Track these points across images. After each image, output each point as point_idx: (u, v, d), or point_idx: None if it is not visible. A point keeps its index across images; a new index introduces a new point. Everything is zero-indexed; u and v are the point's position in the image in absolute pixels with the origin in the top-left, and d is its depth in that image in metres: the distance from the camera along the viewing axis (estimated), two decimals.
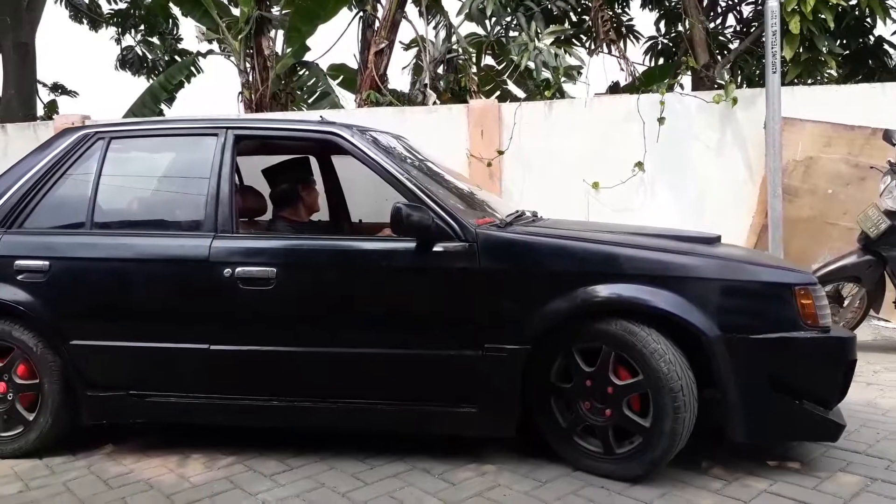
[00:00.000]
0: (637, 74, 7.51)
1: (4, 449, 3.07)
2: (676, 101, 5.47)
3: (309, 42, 8.20)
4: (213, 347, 2.92)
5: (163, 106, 9.43)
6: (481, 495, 2.57)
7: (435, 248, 2.76)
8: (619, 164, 5.44)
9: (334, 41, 8.64)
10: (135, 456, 3.05)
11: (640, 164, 5.41)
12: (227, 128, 3.15)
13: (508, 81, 8.35)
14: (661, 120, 5.35)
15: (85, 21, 12.54)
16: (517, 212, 3.35)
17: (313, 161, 4.06)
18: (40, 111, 11.20)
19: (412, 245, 2.79)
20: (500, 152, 5.56)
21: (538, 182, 5.57)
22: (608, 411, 2.65)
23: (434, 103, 7.10)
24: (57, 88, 13.05)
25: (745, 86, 7.78)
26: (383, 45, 7.59)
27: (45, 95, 12.64)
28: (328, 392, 2.92)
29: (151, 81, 10.12)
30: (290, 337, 2.91)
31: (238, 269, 2.87)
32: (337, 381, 2.92)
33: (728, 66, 7.72)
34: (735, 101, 5.33)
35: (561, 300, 2.65)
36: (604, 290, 2.64)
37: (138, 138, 3.37)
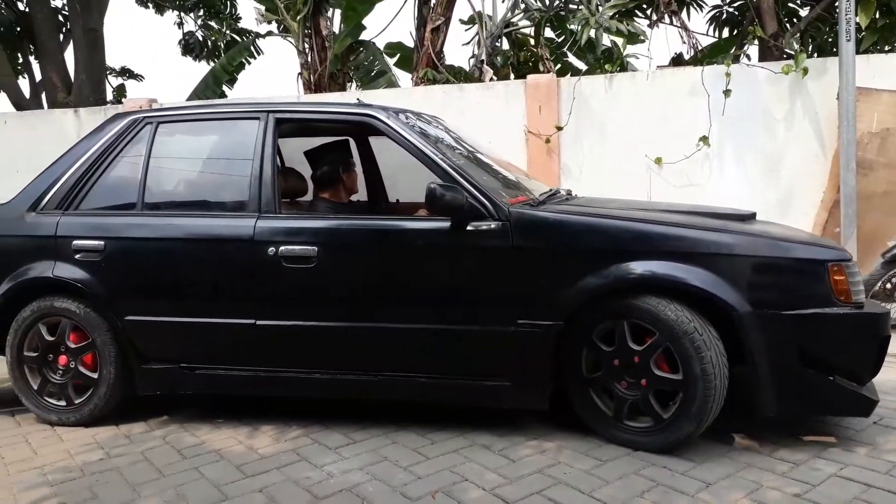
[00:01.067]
0: (699, 47, 7.25)
1: (84, 412, 3.26)
2: (743, 73, 5.27)
3: (366, 21, 8.23)
4: (258, 323, 3.05)
5: (224, 87, 9.63)
6: (542, 472, 2.59)
7: (468, 227, 2.84)
8: (683, 139, 5.29)
9: (391, 19, 8.64)
10: (207, 427, 3.18)
11: (704, 139, 5.25)
12: (269, 111, 3.25)
13: (569, 54, 8.20)
14: (726, 92, 5.18)
15: (150, 5, 12.86)
16: (550, 190, 3.41)
17: (352, 143, 4.11)
18: (109, 95, 11.59)
19: (447, 224, 2.87)
20: (559, 128, 5.48)
21: (598, 158, 5.48)
22: (643, 381, 2.71)
23: (491, 79, 7.04)
24: (125, 73, 13.44)
25: (816, 55, 7.44)
26: (440, 22, 7.54)
27: (113, 80, 13.08)
28: (368, 365, 3.05)
29: (213, 64, 10.33)
30: (331, 312, 3.02)
31: (281, 248, 2.99)
32: (376, 354, 3.03)
33: (798, 34, 7.38)
34: (805, 71, 5.10)
35: (592, 277, 2.72)
36: (636, 268, 2.69)
37: (184, 122, 3.51)
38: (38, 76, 11.18)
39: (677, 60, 7.46)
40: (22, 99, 10.39)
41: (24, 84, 11.21)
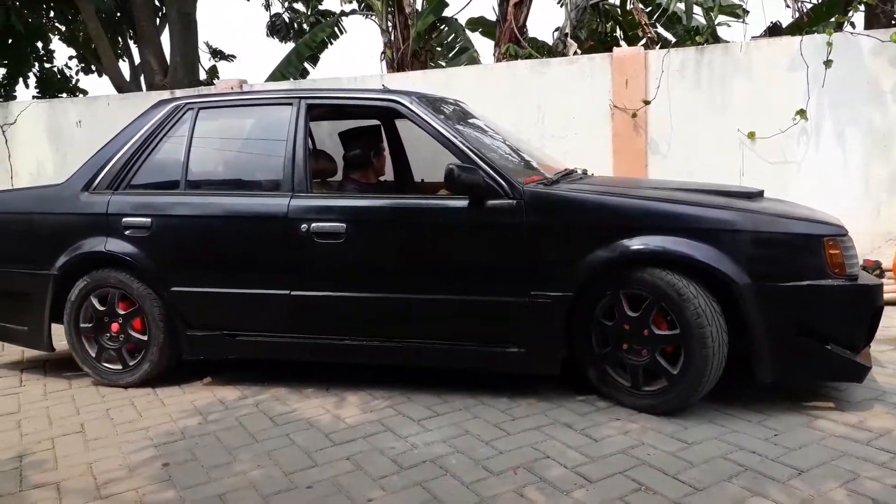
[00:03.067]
0: (806, 10, 6.83)
1: (136, 375, 3.53)
2: (846, 42, 4.96)
3: None
4: (293, 293, 3.29)
5: (306, 65, 9.81)
6: (625, 453, 2.56)
7: (485, 205, 3.03)
8: (779, 113, 5.04)
9: None
10: (297, 396, 3.31)
11: (801, 112, 4.99)
12: (301, 97, 3.48)
13: (657, 25, 7.94)
14: (827, 63, 4.89)
15: None
16: (565, 170, 3.62)
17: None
18: (203, 76, 12.04)
19: (465, 202, 3.05)
20: (647, 102, 5.33)
21: (687, 133, 5.30)
22: (646, 348, 2.90)
23: (575, 53, 6.90)
24: (217, 54, 13.93)
25: None
26: None
27: (206, 61, 13.58)
28: (392, 332, 3.26)
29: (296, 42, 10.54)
30: (358, 284, 3.24)
31: (313, 225, 3.21)
32: (400, 322, 3.24)
33: None
34: None
35: (600, 251, 2.88)
36: (642, 242, 2.85)
37: (223, 108, 3.74)
38: (136, 60, 11.72)
39: (773, 29, 7.10)
40: (123, 82, 10.94)
41: (124, 67, 11.80)
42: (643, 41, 6.32)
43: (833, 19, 6.90)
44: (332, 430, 2.89)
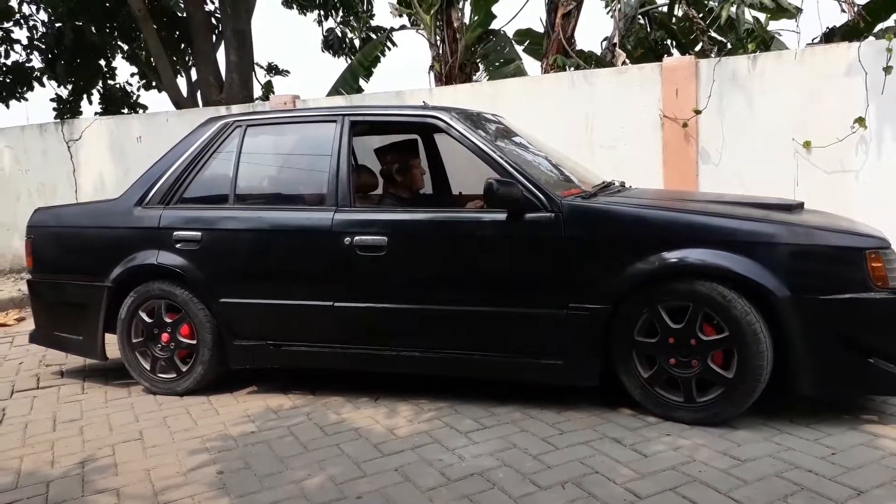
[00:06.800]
0: (861, 12, 6.60)
1: (185, 383, 3.66)
2: None
3: (495, 9, 8.25)
4: (336, 304, 3.36)
5: (361, 81, 9.96)
6: (675, 469, 2.53)
7: (524, 218, 3.06)
8: (836, 122, 4.91)
9: (521, 6, 8.58)
10: (349, 407, 3.36)
11: (860, 120, 4.85)
12: (344, 115, 3.56)
13: (710, 31, 7.81)
14: (887, 69, 4.74)
15: (295, 6, 13.52)
16: (604, 182, 3.65)
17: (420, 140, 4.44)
18: (258, 92, 12.32)
19: (503, 216, 3.09)
20: (697, 112, 5.26)
21: (740, 143, 5.20)
22: (693, 361, 2.90)
23: (623, 63, 6.85)
24: (271, 70, 14.21)
25: None
26: (571, 7, 7.44)
27: (261, 77, 13.86)
28: (431, 343, 3.30)
29: (351, 60, 10.71)
30: (399, 296, 3.29)
31: (356, 238, 3.29)
32: (439, 334, 3.29)
33: None
34: None
35: (639, 264, 2.88)
36: (681, 256, 2.85)
37: (270, 125, 3.84)
38: (194, 76, 12.06)
39: (829, 35, 6.91)
40: (180, 97, 11.28)
41: (181, 83, 12.16)
42: (698, 47, 6.21)
43: (894, 24, 6.68)
44: (380, 441, 2.92)
